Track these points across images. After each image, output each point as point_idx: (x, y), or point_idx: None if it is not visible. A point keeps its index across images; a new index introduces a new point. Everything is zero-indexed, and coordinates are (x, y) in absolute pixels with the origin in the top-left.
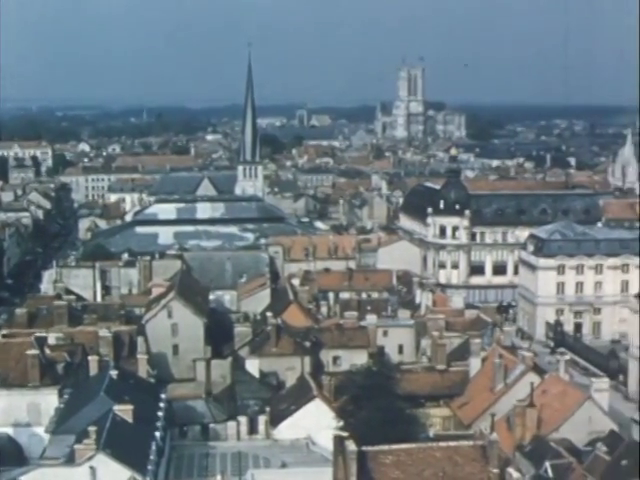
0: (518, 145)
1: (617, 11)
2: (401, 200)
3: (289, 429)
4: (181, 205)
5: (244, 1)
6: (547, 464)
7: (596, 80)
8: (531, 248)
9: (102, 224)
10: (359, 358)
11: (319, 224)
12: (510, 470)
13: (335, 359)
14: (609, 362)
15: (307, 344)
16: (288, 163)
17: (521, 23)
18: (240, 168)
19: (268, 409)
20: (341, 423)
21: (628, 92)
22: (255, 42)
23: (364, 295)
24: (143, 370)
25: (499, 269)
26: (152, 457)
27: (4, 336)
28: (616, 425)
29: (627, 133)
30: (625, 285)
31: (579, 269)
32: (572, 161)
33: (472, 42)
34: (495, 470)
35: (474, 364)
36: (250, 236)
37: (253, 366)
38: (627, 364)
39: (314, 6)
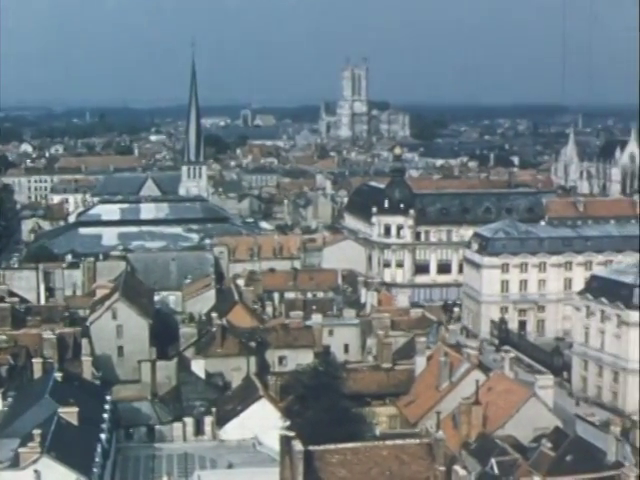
0: (462, 144)
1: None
2: (346, 200)
3: (235, 430)
4: (125, 206)
5: (188, 1)
6: (493, 461)
7: (539, 80)
8: (475, 247)
9: (45, 225)
10: (305, 358)
11: (264, 224)
12: (456, 467)
13: (281, 359)
14: (553, 359)
15: (253, 344)
16: (232, 163)
17: (466, 23)
18: (184, 168)
19: (214, 410)
20: (287, 423)
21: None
22: (199, 42)
23: (309, 295)
24: (88, 372)
25: (444, 268)
26: (97, 459)
27: None
28: (560, 421)
29: (569, 132)
30: (568, 283)
31: (523, 267)
32: (515, 160)
33: (415, 42)
34: (441, 468)
35: (419, 362)
36: (195, 237)
37: (199, 367)
38: (571, 361)
39: (258, 6)
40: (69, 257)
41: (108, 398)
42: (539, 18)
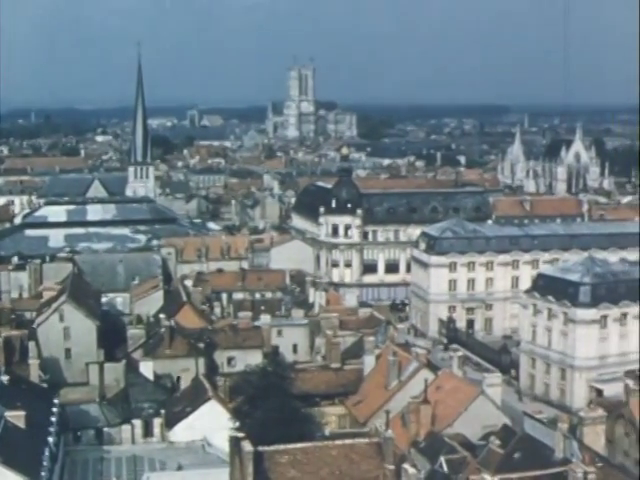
0: (409, 144)
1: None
2: (293, 200)
3: (184, 431)
4: (71, 207)
5: (133, 1)
6: (442, 459)
7: (485, 80)
8: (423, 246)
9: None
10: (253, 358)
11: (211, 225)
12: (405, 466)
13: (230, 360)
14: (501, 357)
15: (201, 345)
16: (179, 164)
17: (411, 23)
18: (131, 169)
19: (163, 411)
20: (237, 424)
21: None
22: (145, 42)
23: (257, 295)
24: (35, 375)
25: (391, 267)
26: (45, 463)
27: None
28: (508, 419)
29: (516, 131)
30: (515, 281)
31: (470, 266)
32: (462, 159)
33: (362, 42)
34: (391, 467)
35: (368, 362)
36: (142, 238)
37: (147, 368)
38: (518, 359)
39: (204, 6)
40: (15, 259)
41: (56, 401)
42: (488, 19)
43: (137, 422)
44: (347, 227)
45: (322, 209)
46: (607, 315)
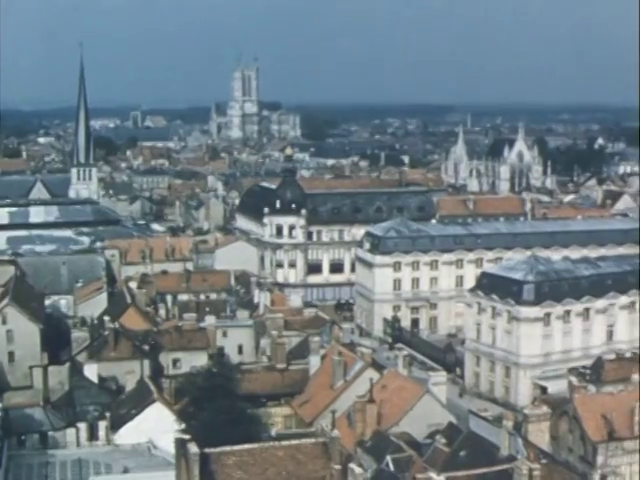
0: (353, 144)
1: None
2: (237, 200)
3: (130, 434)
4: (13, 209)
5: (75, 2)
6: (388, 458)
7: (428, 80)
8: (367, 246)
9: None
10: (199, 360)
11: (155, 226)
12: (352, 466)
13: (175, 361)
14: (446, 356)
15: (146, 347)
16: (123, 165)
17: (355, 22)
18: (74, 171)
19: (108, 414)
20: (182, 426)
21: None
22: (87, 43)
23: (202, 296)
24: None
25: (336, 267)
26: None
27: None
28: (454, 417)
29: (459, 131)
30: (460, 280)
31: (415, 265)
32: (406, 159)
33: (306, 42)
34: (337, 466)
35: (314, 362)
36: (85, 240)
37: (91, 371)
38: (463, 357)
39: (147, 6)
40: None
41: None
42: (430, 19)
43: (82, 425)
44: (291, 227)
45: (266, 210)
46: (550, 313)
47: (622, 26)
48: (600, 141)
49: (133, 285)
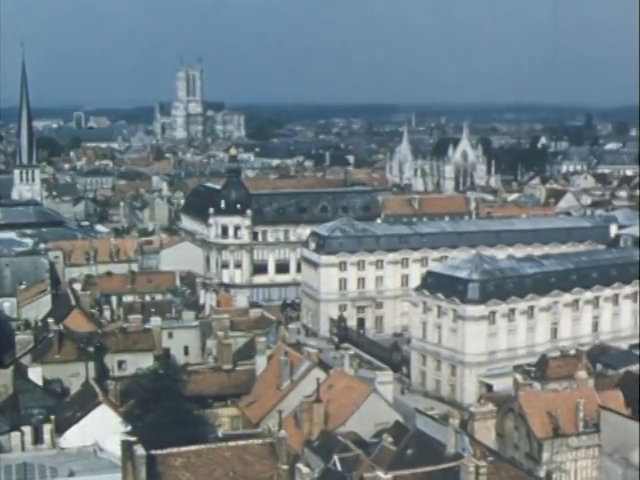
0: (297, 144)
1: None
2: (182, 201)
3: (75, 437)
4: None
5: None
6: (335, 457)
7: (372, 79)
8: (313, 246)
9: None
10: (145, 361)
11: (100, 227)
12: (299, 466)
13: (120, 363)
14: (392, 355)
15: (91, 349)
16: (66, 166)
17: (297, 22)
18: (16, 172)
19: (53, 417)
20: (128, 428)
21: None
22: (29, 42)
23: (147, 297)
24: None
25: (282, 267)
26: None
27: None
28: (401, 416)
29: (403, 131)
30: (405, 279)
31: (360, 265)
32: (351, 159)
33: (248, 42)
34: (284, 467)
35: (260, 362)
36: (29, 241)
37: (36, 374)
38: (409, 356)
39: (89, 6)
40: None
41: None
42: (375, 19)
43: (27, 429)
44: (237, 228)
45: (211, 210)
46: (495, 311)
47: (567, 25)
48: (543, 140)
49: (77, 287)
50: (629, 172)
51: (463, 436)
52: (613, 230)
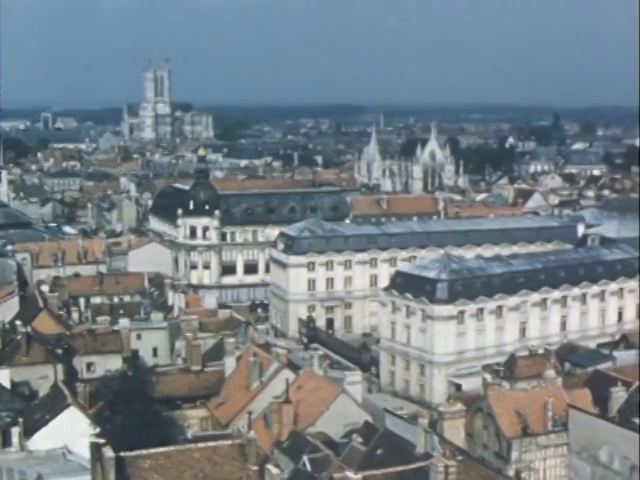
0: (266, 144)
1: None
2: (150, 202)
3: (44, 439)
4: None
5: None
6: (305, 458)
7: (340, 80)
8: (281, 246)
9: None
10: (113, 363)
11: (67, 229)
12: (269, 466)
13: (89, 365)
14: (361, 355)
15: (59, 351)
16: (33, 167)
17: (266, 23)
18: None
19: (21, 420)
20: (97, 430)
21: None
22: None
23: (116, 299)
24: None
25: (250, 268)
26: None
27: None
28: (370, 416)
29: (371, 131)
30: (374, 279)
31: (329, 265)
32: (319, 159)
33: (216, 42)
34: (254, 467)
35: (229, 363)
36: None
37: (4, 376)
38: (378, 356)
39: (56, 7)
40: None
41: None
42: (337, 19)
43: None
44: (205, 228)
45: (180, 211)
46: (464, 311)
47: (535, 26)
48: (511, 140)
49: (45, 288)
50: (596, 172)
51: (432, 436)
52: (580, 230)
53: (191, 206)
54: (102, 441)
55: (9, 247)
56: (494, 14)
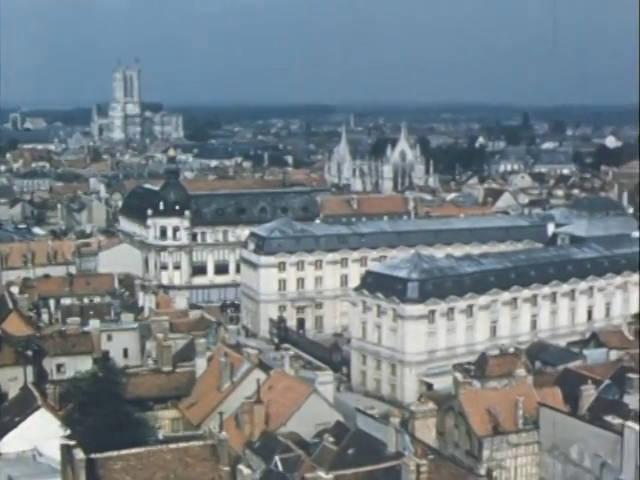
0: (236, 145)
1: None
2: (120, 203)
3: (14, 442)
4: None
5: None
6: (277, 458)
7: (310, 80)
8: (252, 246)
9: None
10: (84, 364)
11: (37, 230)
12: (240, 467)
13: (59, 366)
14: (332, 355)
15: (29, 353)
16: (2, 168)
17: (234, 24)
18: None
19: None
20: (68, 432)
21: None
22: None
23: (86, 300)
24: None
25: (221, 268)
26: None
27: None
28: (341, 416)
29: (342, 131)
30: (345, 279)
31: (300, 265)
32: (289, 159)
33: (184, 42)
34: (226, 468)
35: (200, 364)
36: None
37: None
38: (349, 356)
39: (23, 6)
40: None
41: None
42: (311, 17)
43: None
44: (175, 229)
45: (150, 211)
46: (435, 310)
47: (503, 25)
48: (481, 140)
49: (15, 290)
50: (565, 171)
51: (404, 435)
52: (550, 229)
53: (161, 207)
54: (73, 443)
55: None
56: (462, 13)
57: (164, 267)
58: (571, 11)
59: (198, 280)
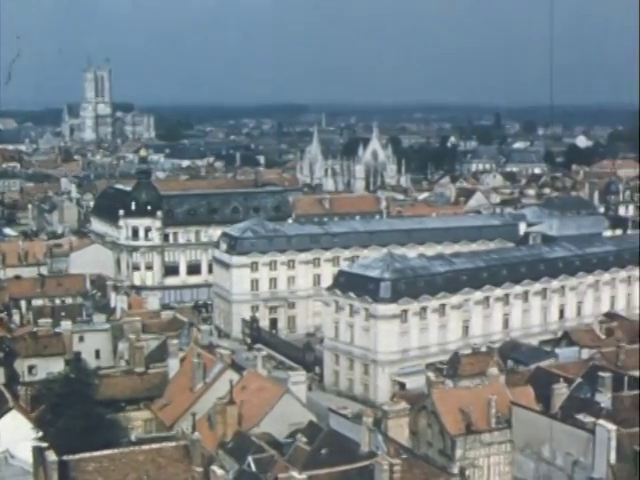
0: (208, 145)
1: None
2: (92, 203)
3: None
4: None
5: None
6: (250, 459)
7: (281, 79)
8: (224, 246)
9: None
10: (55, 366)
11: (7, 230)
12: (213, 467)
13: (30, 368)
14: (305, 355)
15: (0, 354)
16: None
17: (205, 22)
18: None
19: None
20: (40, 433)
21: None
22: None
23: (57, 301)
24: None
25: (193, 269)
26: None
27: None
28: (314, 416)
29: (314, 131)
30: (317, 279)
31: (272, 265)
32: (261, 159)
33: (155, 43)
34: (199, 469)
35: (172, 365)
36: None
37: None
38: (322, 356)
39: None
40: None
41: None
42: (283, 16)
43: None
44: (147, 229)
45: (121, 212)
46: (407, 310)
47: (475, 24)
48: (452, 139)
49: None
50: (537, 170)
51: (377, 434)
52: (522, 228)
53: (133, 207)
54: (45, 445)
55: None
56: (435, 13)
57: (136, 268)
58: (543, 10)
59: (170, 280)
